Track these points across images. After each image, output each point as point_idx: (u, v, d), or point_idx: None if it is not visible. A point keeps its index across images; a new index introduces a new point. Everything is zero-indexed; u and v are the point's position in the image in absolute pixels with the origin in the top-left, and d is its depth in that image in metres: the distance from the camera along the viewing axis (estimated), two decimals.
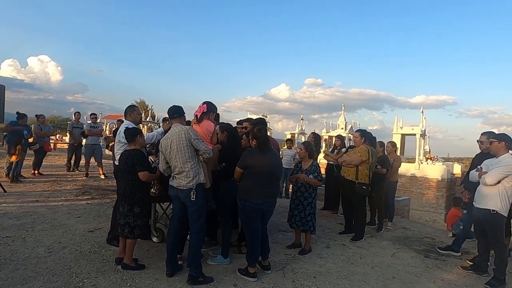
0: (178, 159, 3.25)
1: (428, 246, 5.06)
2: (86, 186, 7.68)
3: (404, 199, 8.55)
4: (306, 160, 4.45)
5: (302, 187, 4.31)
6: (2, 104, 6.06)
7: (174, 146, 3.26)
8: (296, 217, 4.32)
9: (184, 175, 3.26)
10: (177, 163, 3.26)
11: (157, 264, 3.58)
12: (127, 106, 4.24)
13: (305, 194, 4.29)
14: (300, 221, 4.29)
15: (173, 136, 3.29)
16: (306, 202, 4.28)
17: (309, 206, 4.28)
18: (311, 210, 4.29)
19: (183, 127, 3.36)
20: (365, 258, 4.33)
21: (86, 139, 9.02)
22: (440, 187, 18.80)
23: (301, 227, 4.31)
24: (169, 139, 3.32)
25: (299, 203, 4.31)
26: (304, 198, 4.29)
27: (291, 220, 4.40)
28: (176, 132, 3.30)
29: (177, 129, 3.33)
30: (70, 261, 3.57)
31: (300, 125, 29.19)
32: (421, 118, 20.97)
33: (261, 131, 3.57)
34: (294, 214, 4.34)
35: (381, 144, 5.91)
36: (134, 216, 3.37)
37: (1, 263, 3.41)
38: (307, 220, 4.26)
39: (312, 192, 4.31)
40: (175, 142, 3.26)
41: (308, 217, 4.26)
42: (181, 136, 3.26)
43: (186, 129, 3.31)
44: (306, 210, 4.27)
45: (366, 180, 4.88)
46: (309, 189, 4.29)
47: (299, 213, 4.30)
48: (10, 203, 5.73)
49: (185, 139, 3.25)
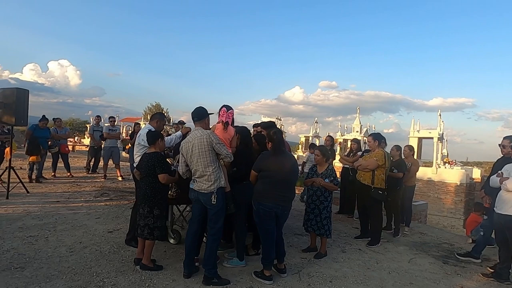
0: (200, 163, 3.29)
1: (447, 252, 4.96)
2: (105, 188, 7.87)
3: (421, 204, 8.38)
4: (322, 164, 4.44)
5: (318, 191, 4.31)
6: (26, 108, 6.27)
7: (196, 150, 3.30)
8: (312, 221, 4.32)
9: (205, 179, 3.29)
10: (199, 167, 3.30)
11: (174, 265, 3.64)
12: (156, 112, 4.35)
13: (321, 198, 4.28)
14: (316, 225, 4.28)
15: (194, 140, 3.33)
16: (322, 206, 4.27)
17: (325, 210, 4.27)
18: (327, 214, 4.28)
19: (204, 131, 3.39)
20: (381, 263, 4.28)
21: (105, 141, 9.25)
22: (458, 192, 18.37)
23: (317, 231, 4.30)
24: (191, 143, 3.35)
25: (315, 207, 4.30)
26: (320, 202, 4.28)
27: (307, 224, 4.39)
28: (198, 136, 3.33)
29: (198, 133, 3.36)
30: (91, 260, 3.67)
31: (314, 128, 29.06)
32: (439, 121, 20.58)
33: (277, 134, 3.58)
34: (310, 218, 4.34)
35: (398, 148, 5.84)
36: (154, 217, 3.44)
37: (26, 262, 3.53)
38: (323, 224, 4.25)
39: (328, 196, 4.31)
40: (197, 146, 3.30)
41: (324, 221, 4.25)
42: (203, 141, 3.29)
43: (208, 134, 3.34)
44: (322, 214, 4.26)
45: (382, 185, 4.83)
46: (325, 193, 4.29)
47: (315, 217, 4.29)
48: (33, 204, 5.93)
49: (207, 144, 3.28)
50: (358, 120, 27.58)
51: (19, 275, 3.23)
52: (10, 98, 6.03)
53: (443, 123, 20.62)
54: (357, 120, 27.64)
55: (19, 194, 6.46)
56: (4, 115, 6.07)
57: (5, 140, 7.50)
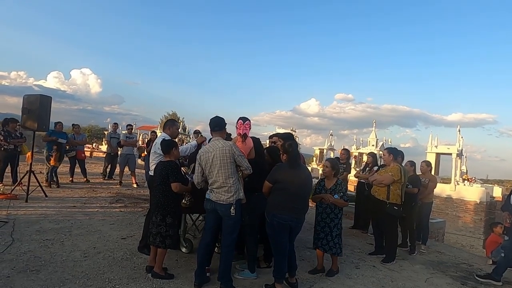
0: (221, 174, 3.27)
1: (466, 273, 4.78)
2: (120, 194, 7.99)
3: (438, 222, 8.14)
4: (331, 179, 4.14)
5: (327, 208, 4.04)
6: (49, 114, 6.48)
7: (217, 161, 3.28)
8: (323, 240, 4.05)
9: (225, 190, 3.28)
10: (219, 178, 3.28)
11: (185, 274, 3.63)
12: (165, 119, 4.43)
13: (331, 215, 4.02)
14: (328, 245, 4.02)
15: (215, 151, 3.32)
16: (333, 223, 4.03)
17: (335, 228, 4.03)
18: (337, 231, 4.04)
19: (226, 142, 3.39)
20: (396, 281, 4.16)
21: (122, 149, 9.43)
22: (478, 210, 17.74)
23: (328, 251, 4.03)
24: (211, 153, 3.33)
25: (325, 225, 4.05)
26: (330, 220, 4.03)
27: (318, 243, 4.10)
28: (220, 147, 3.32)
29: (220, 144, 3.35)
30: (104, 266, 3.71)
31: (329, 141, 28.84)
32: (458, 136, 20.07)
33: (292, 146, 3.57)
34: (320, 237, 4.07)
35: (412, 164, 5.72)
36: (166, 226, 3.46)
37: (42, 265, 3.60)
38: (335, 243, 4.01)
39: (338, 213, 4.05)
40: (219, 157, 3.29)
41: (335, 239, 4.02)
42: (225, 152, 3.29)
43: (230, 145, 3.34)
44: (333, 232, 4.02)
45: (398, 201, 4.73)
46: (335, 209, 4.02)
47: (325, 236, 4.03)
48: (50, 208, 6.06)
49: (229, 155, 3.28)
50: (374, 133, 27.23)
51: (34, 277, 3.29)
52: (34, 104, 6.24)
53: (462, 138, 20.09)
54: (373, 133, 27.29)
55: (37, 197, 6.62)
56: (28, 121, 6.29)
57: (17, 144, 7.74)
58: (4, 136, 7.55)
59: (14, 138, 7.73)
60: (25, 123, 6.34)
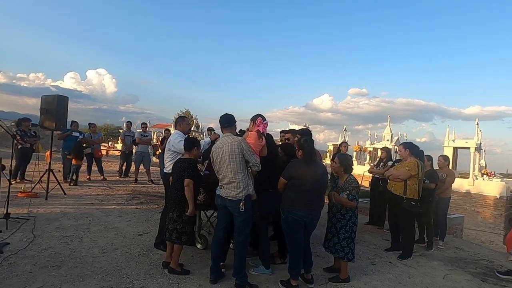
0: (230, 170, 3.30)
1: (486, 270, 4.67)
2: (136, 192, 8.13)
3: (457, 217, 7.96)
4: (341, 175, 3.90)
5: (333, 207, 3.82)
6: (66, 114, 6.62)
7: (226, 156, 3.31)
8: (329, 242, 3.82)
9: (234, 186, 3.30)
10: (228, 173, 3.31)
11: (201, 270, 3.67)
12: (177, 116, 4.46)
13: (337, 215, 3.76)
14: (334, 247, 3.76)
15: (224, 146, 3.35)
16: (339, 224, 3.73)
17: (342, 230, 3.71)
18: (346, 234, 3.71)
19: (235, 138, 3.41)
20: (414, 278, 4.10)
21: (137, 146, 9.58)
22: (498, 205, 17.28)
23: (335, 253, 3.77)
24: (221, 149, 3.37)
25: (331, 225, 3.83)
26: (336, 220, 3.76)
27: (325, 243, 3.92)
28: (229, 143, 3.35)
29: (229, 140, 3.38)
30: (121, 262, 3.78)
31: (343, 136, 28.55)
32: (476, 130, 19.54)
33: (307, 142, 3.53)
34: (328, 237, 3.87)
35: (429, 158, 5.60)
36: (183, 222, 3.50)
37: (62, 261, 3.70)
38: (342, 246, 3.70)
39: (345, 213, 3.72)
40: (227, 153, 3.31)
41: (343, 242, 3.70)
42: (234, 147, 3.31)
43: (239, 141, 3.35)
44: (339, 234, 3.72)
45: (415, 196, 4.64)
46: (342, 209, 3.73)
47: (332, 236, 3.80)
48: (69, 205, 6.22)
49: (238, 151, 3.30)
50: (389, 128, 26.78)
51: (55, 273, 3.38)
52: (51, 104, 6.40)
53: (480, 132, 19.53)
54: (387, 128, 26.84)
55: (57, 195, 6.80)
56: (46, 120, 6.45)
57: (32, 143, 7.96)
58: (20, 135, 7.80)
59: (30, 137, 7.97)
60: (43, 123, 6.50)
